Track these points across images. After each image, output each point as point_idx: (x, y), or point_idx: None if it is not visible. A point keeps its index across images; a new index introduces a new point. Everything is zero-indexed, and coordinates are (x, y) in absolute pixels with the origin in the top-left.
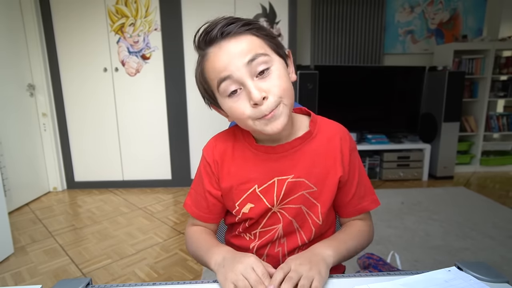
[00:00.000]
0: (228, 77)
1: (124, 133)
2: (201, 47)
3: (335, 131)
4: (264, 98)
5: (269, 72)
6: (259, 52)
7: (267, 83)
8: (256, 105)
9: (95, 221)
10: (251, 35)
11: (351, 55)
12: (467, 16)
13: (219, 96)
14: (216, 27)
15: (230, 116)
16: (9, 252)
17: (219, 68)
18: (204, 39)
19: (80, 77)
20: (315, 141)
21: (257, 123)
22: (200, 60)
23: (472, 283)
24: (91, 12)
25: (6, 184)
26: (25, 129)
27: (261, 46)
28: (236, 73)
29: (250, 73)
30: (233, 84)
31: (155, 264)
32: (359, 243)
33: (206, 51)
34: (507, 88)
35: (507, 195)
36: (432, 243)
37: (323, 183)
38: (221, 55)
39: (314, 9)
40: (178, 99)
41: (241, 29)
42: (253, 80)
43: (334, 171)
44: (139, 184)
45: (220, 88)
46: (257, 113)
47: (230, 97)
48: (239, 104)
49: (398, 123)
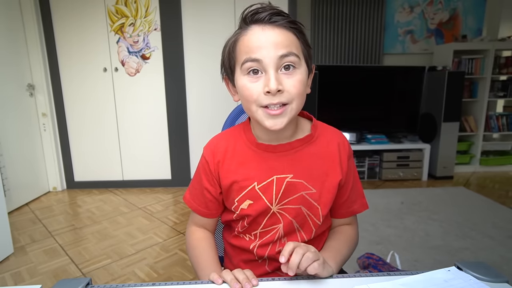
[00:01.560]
0: (256, 60)
1: (124, 133)
2: (245, 22)
3: (334, 136)
4: (279, 91)
5: (294, 72)
6: (293, 52)
7: (288, 81)
8: (269, 93)
9: (95, 221)
10: (293, 33)
11: (351, 55)
12: (467, 16)
13: (238, 70)
14: (266, 11)
15: (240, 93)
16: (9, 252)
17: (253, 48)
18: (251, 16)
19: (79, 77)
20: (315, 145)
21: (260, 112)
22: (238, 32)
23: (471, 283)
24: (91, 12)
25: (6, 184)
26: (25, 129)
27: (297, 47)
28: (266, 60)
29: (277, 65)
30: (258, 67)
31: (155, 264)
32: (350, 250)
33: (249, 26)
34: (506, 88)
35: (507, 195)
36: (432, 243)
37: (322, 185)
38: (260, 37)
39: (314, 9)
40: (178, 99)
41: (287, 24)
42: (276, 72)
43: (334, 174)
44: (139, 184)
45: (244, 65)
46: (265, 100)
47: (249, 75)
48: (254, 86)
49: (398, 123)
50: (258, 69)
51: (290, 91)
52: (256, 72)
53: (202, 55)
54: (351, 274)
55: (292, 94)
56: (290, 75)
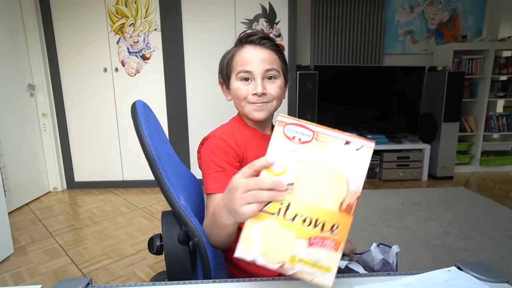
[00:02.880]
0: (248, 71)
1: (124, 133)
2: (241, 42)
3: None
4: (264, 93)
5: (275, 81)
6: (275, 67)
7: (271, 86)
8: (255, 95)
9: (95, 221)
10: (275, 53)
11: (351, 55)
12: (467, 16)
13: (234, 77)
14: (257, 35)
15: (233, 94)
16: (9, 252)
17: (247, 61)
18: (246, 38)
19: (80, 77)
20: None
21: (248, 106)
22: (235, 49)
23: (472, 283)
24: (91, 12)
25: (6, 184)
26: (25, 129)
27: (277, 64)
28: (255, 72)
29: (263, 75)
30: (249, 75)
31: (155, 264)
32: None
33: (244, 45)
34: (506, 88)
35: (507, 195)
36: (432, 243)
37: None
38: (252, 54)
39: (314, 9)
40: (178, 99)
41: (272, 46)
42: (262, 80)
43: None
44: (139, 184)
45: (239, 74)
46: (252, 99)
47: (242, 81)
48: (245, 88)
49: (398, 123)
50: (248, 78)
51: (272, 93)
52: (247, 79)
53: (202, 55)
54: (351, 274)
55: (273, 95)
56: (272, 82)
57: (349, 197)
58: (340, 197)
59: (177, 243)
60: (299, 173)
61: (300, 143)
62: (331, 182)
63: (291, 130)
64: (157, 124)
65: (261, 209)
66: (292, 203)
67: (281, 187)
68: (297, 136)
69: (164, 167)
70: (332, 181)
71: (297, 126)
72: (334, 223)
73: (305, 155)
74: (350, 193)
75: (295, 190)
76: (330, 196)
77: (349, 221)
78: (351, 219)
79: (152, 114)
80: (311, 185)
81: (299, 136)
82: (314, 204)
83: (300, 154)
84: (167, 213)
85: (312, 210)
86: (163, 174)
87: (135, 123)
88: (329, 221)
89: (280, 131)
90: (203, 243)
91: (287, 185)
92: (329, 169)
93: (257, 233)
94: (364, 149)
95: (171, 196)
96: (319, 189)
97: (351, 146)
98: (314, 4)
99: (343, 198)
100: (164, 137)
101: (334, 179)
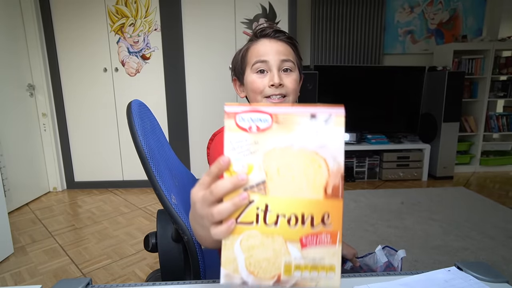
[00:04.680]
0: (264, 61)
1: (124, 133)
2: (256, 36)
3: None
4: (280, 84)
5: (291, 73)
6: (291, 59)
7: (287, 79)
8: (272, 86)
9: (95, 221)
10: (290, 46)
11: (351, 55)
12: (467, 16)
13: (249, 70)
14: (272, 28)
15: (248, 87)
16: (9, 252)
17: (262, 53)
18: (260, 32)
19: (80, 77)
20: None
21: (264, 101)
22: (249, 43)
23: (472, 283)
24: (91, 12)
25: (6, 184)
26: (25, 129)
27: (293, 56)
28: (271, 62)
29: (279, 66)
30: (264, 67)
31: (155, 264)
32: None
33: (259, 39)
34: (506, 88)
35: (507, 195)
36: (432, 243)
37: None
38: (267, 46)
39: (314, 9)
40: (178, 99)
41: (286, 39)
42: (278, 71)
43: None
44: (139, 184)
45: (255, 65)
46: (269, 91)
47: (257, 74)
48: (261, 81)
49: (398, 123)
50: (264, 69)
51: (288, 86)
52: (263, 72)
53: (202, 55)
54: (351, 274)
55: (290, 89)
56: (288, 75)
57: (332, 178)
58: (322, 181)
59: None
60: (267, 167)
61: (260, 132)
62: (307, 166)
63: (245, 120)
64: (154, 124)
65: (236, 220)
66: (269, 204)
67: (243, 181)
68: (254, 124)
69: (157, 166)
70: (308, 165)
71: (250, 112)
72: (324, 213)
73: (269, 144)
74: (332, 173)
75: (268, 189)
76: (310, 183)
77: (339, 206)
78: (341, 203)
79: (149, 114)
80: (285, 177)
81: (256, 123)
82: (294, 198)
83: (263, 145)
84: (162, 212)
85: (295, 205)
86: (155, 172)
87: (129, 121)
88: (317, 212)
89: (231, 124)
90: (192, 242)
91: (258, 185)
92: (300, 152)
93: (238, 251)
94: (334, 119)
95: (162, 194)
96: (296, 179)
97: (318, 119)
98: (314, 4)
99: (325, 182)
100: (161, 137)
101: (309, 162)
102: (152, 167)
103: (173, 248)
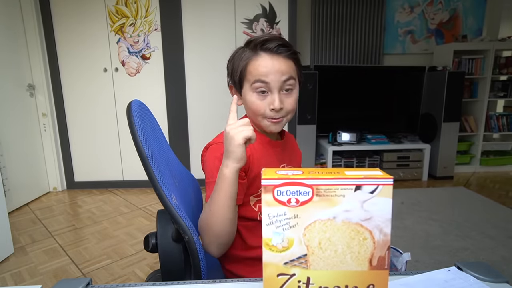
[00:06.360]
0: (265, 82)
1: (124, 133)
2: (256, 48)
3: (292, 136)
4: (281, 108)
5: (292, 93)
6: (292, 76)
7: (288, 100)
8: (273, 110)
9: (95, 221)
10: (293, 61)
11: (351, 55)
12: (467, 16)
13: (248, 86)
14: (275, 41)
15: (248, 106)
16: (9, 252)
17: (263, 72)
18: (261, 44)
19: (80, 77)
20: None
21: (264, 121)
22: (249, 55)
23: (472, 283)
24: (91, 12)
25: (6, 184)
26: (25, 129)
27: (294, 72)
28: (272, 83)
29: (280, 87)
30: (265, 87)
31: (155, 264)
32: None
33: (259, 53)
34: (506, 88)
35: (507, 195)
36: (432, 243)
37: (298, 164)
38: (268, 63)
39: (314, 9)
40: (178, 99)
41: (290, 55)
42: (279, 93)
43: (298, 155)
44: (139, 184)
45: (254, 84)
46: (269, 114)
47: (257, 94)
48: (261, 103)
49: (398, 123)
50: (265, 90)
51: (288, 108)
52: (264, 92)
53: (202, 55)
54: None
55: (289, 110)
56: (289, 95)
57: (378, 250)
58: (367, 253)
59: (171, 241)
60: (308, 240)
61: (299, 205)
62: (352, 239)
63: (283, 193)
64: (154, 124)
65: None
66: (311, 277)
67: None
68: (293, 197)
69: (157, 165)
70: (353, 237)
71: (289, 185)
72: (369, 284)
73: (310, 217)
74: (378, 245)
75: (310, 262)
76: (355, 255)
77: (385, 277)
78: (387, 274)
79: (149, 114)
80: (327, 250)
81: (295, 196)
82: (338, 271)
83: (303, 219)
84: (162, 212)
85: (338, 278)
86: (155, 172)
87: (129, 121)
88: (361, 284)
89: (269, 199)
90: (193, 241)
91: (299, 259)
92: (344, 225)
93: None
94: (381, 189)
95: (163, 194)
96: (339, 252)
97: (363, 190)
98: (314, 4)
99: (371, 254)
100: (161, 138)
101: (354, 235)
102: (153, 167)
103: (173, 248)
